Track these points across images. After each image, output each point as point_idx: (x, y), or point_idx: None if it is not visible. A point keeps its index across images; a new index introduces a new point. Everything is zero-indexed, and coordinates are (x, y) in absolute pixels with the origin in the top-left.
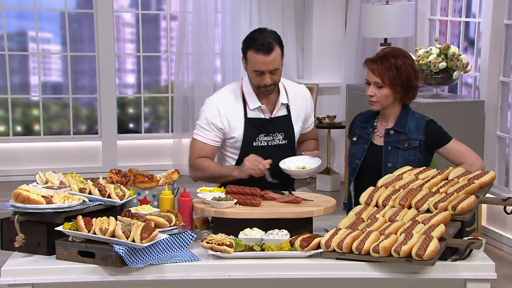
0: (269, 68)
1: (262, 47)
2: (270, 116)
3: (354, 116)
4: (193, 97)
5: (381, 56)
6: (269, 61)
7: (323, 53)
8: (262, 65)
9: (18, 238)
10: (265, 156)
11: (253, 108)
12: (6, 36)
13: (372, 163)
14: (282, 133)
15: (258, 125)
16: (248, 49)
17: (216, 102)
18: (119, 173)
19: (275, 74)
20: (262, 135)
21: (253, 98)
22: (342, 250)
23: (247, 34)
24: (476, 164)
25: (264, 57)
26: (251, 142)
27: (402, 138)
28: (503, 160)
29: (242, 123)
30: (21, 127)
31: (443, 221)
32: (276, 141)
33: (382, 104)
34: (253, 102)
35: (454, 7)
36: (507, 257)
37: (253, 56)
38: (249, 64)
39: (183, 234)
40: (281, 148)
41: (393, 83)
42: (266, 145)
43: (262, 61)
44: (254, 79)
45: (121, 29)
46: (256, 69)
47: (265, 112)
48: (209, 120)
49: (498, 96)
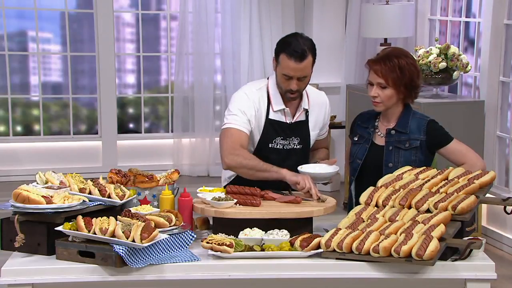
0: (297, 75)
1: (295, 53)
2: (291, 121)
3: (354, 116)
4: (193, 97)
5: (383, 57)
6: (300, 68)
7: (323, 53)
8: (292, 70)
9: (18, 238)
10: (279, 158)
11: (277, 110)
12: (6, 36)
13: (373, 163)
14: (298, 138)
15: (278, 128)
16: (281, 52)
17: (246, 94)
18: (119, 173)
19: (303, 81)
20: (279, 138)
21: (278, 99)
22: (342, 250)
23: (283, 37)
24: (477, 164)
25: (296, 63)
26: (268, 143)
27: (403, 138)
28: (503, 160)
29: (263, 122)
30: (21, 127)
31: (443, 221)
32: (292, 145)
33: (386, 105)
34: (277, 103)
35: (454, 7)
36: (507, 257)
37: (285, 60)
38: (279, 67)
39: (183, 234)
40: (295, 152)
41: (396, 83)
42: (281, 148)
43: (293, 67)
44: (282, 83)
45: (121, 29)
46: (285, 73)
47: (287, 115)
48: (240, 109)
49: (498, 96)
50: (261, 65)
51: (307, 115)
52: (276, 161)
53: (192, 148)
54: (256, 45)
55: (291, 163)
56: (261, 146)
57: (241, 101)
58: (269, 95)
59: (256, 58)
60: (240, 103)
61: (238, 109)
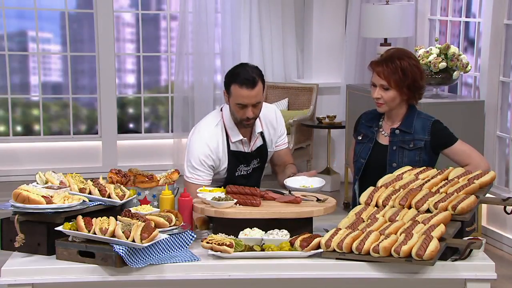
0: (252, 102)
1: (247, 81)
2: (249, 150)
3: (354, 116)
4: (193, 97)
5: (386, 58)
6: (253, 95)
7: (323, 53)
8: (246, 98)
9: (18, 238)
10: (244, 181)
11: (234, 141)
12: (6, 36)
13: (377, 163)
14: (258, 159)
15: (240, 157)
16: (231, 83)
17: (206, 141)
18: (119, 173)
19: (257, 107)
20: (243, 166)
21: (234, 131)
22: (342, 250)
23: (230, 69)
24: (481, 165)
25: (248, 91)
26: (234, 173)
27: (407, 138)
28: (503, 160)
29: (226, 155)
30: (21, 127)
31: (443, 221)
32: (252, 166)
33: (389, 106)
34: (234, 135)
35: (454, 7)
36: (507, 257)
37: (237, 90)
38: (232, 98)
39: (183, 234)
40: (256, 171)
41: (399, 85)
42: (245, 174)
43: (246, 95)
44: (237, 112)
45: (121, 29)
46: (239, 103)
47: (245, 144)
48: (201, 160)
49: (498, 96)
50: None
51: (263, 137)
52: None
53: None
54: (256, 45)
55: (253, 181)
56: (229, 175)
57: (201, 150)
58: (226, 129)
59: (256, 58)
60: (200, 153)
61: (198, 160)
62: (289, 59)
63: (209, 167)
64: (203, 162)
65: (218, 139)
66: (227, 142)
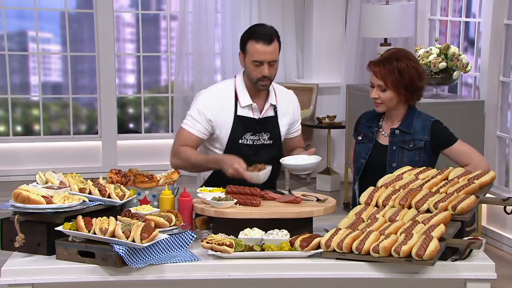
0: (268, 59)
1: (263, 37)
2: (259, 116)
3: (354, 116)
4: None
5: (384, 59)
6: (269, 51)
7: (323, 53)
8: (262, 54)
9: (18, 238)
10: (250, 154)
11: (244, 106)
12: (6, 36)
13: (377, 163)
14: (268, 133)
15: (247, 123)
16: (248, 40)
17: (208, 96)
18: (119, 173)
19: (273, 67)
20: (249, 134)
21: (245, 95)
22: (342, 250)
23: (246, 29)
24: (481, 165)
25: (265, 46)
26: (237, 140)
27: (407, 138)
28: (503, 160)
29: (231, 119)
30: (21, 127)
31: (443, 221)
32: (262, 141)
33: (387, 106)
34: (244, 99)
35: (454, 7)
36: (507, 257)
37: (253, 46)
38: (248, 55)
39: (183, 234)
40: (266, 147)
41: (396, 86)
42: (251, 143)
43: (262, 51)
44: (252, 71)
45: (121, 29)
46: (255, 59)
47: (255, 111)
48: (200, 111)
49: (498, 96)
50: None
51: (275, 111)
52: (247, 156)
53: None
54: None
55: (263, 159)
56: (231, 142)
57: (202, 101)
58: (236, 91)
59: None
60: (200, 104)
61: (197, 110)
62: (289, 59)
63: (206, 120)
64: (201, 112)
65: (224, 99)
66: (235, 106)
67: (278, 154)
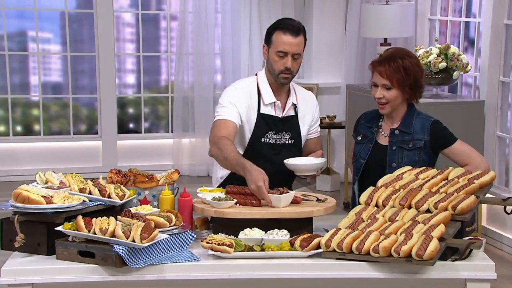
0: (293, 50)
1: (291, 28)
2: (281, 115)
3: (354, 116)
4: (193, 97)
5: (387, 58)
6: (295, 43)
7: (323, 53)
8: (288, 45)
9: (18, 238)
10: (271, 153)
11: (267, 104)
12: (6, 36)
13: (376, 163)
14: (289, 133)
15: (270, 121)
16: (275, 30)
17: (236, 91)
18: (119, 173)
19: (296, 61)
20: (272, 133)
21: (268, 92)
22: (342, 250)
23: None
24: (481, 165)
25: (292, 37)
26: (260, 138)
27: (407, 138)
28: (503, 160)
29: (255, 117)
30: (21, 127)
31: (443, 221)
32: (283, 140)
33: (392, 106)
34: (268, 96)
35: (454, 7)
36: (507, 257)
37: (280, 36)
38: (273, 46)
39: (183, 234)
40: (287, 147)
41: (401, 84)
42: (274, 142)
43: (288, 42)
44: (275, 63)
45: (121, 29)
46: (280, 49)
47: (278, 109)
48: (231, 102)
49: (498, 96)
50: (261, 65)
51: (296, 110)
52: (269, 155)
53: (192, 148)
54: (256, 45)
55: (284, 158)
56: (253, 141)
57: (232, 95)
58: (259, 88)
59: (256, 58)
60: (230, 97)
61: (228, 102)
62: None
63: (238, 107)
64: (232, 103)
65: (250, 95)
66: (258, 103)
67: (299, 155)
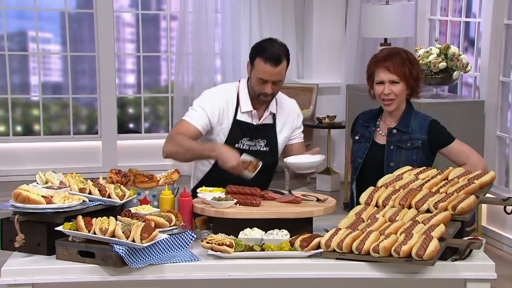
0: (273, 79)
1: (271, 58)
2: (257, 122)
3: (354, 116)
4: (193, 97)
5: (391, 53)
6: (275, 73)
7: (323, 53)
8: (268, 75)
9: (18, 238)
10: None
11: (244, 111)
12: (6, 36)
13: (374, 162)
14: (265, 140)
15: (244, 128)
16: (256, 57)
17: (211, 95)
18: (119, 173)
19: (277, 85)
20: (246, 139)
21: (247, 101)
22: (342, 250)
23: (258, 42)
24: (479, 165)
25: (271, 67)
26: (234, 144)
27: (405, 138)
28: (503, 160)
29: (230, 122)
30: (21, 127)
31: (443, 221)
32: (258, 147)
33: (398, 102)
34: (245, 105)
35: (454, 7)
36: (507, 257)
37: (260, 64)
38: (255, 71)
39: (183, 234)
40: (262, 154)
41: (407, 78)
42: (247, 149)
43: (268, 71)
44: (256, 86)
45: (121, 29)
46: (260, 77)
47: (254, 117)
48: (202, 107)
49: (498, 96)
50: None
51: (274, 119)
52: None
53: None
54: None
55: None
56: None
57: (207, 99)
58: (239, 96)
59: None
60: (205, 101)
61: (199, 106)
62: None
63: (207, 116)
64: (203, 108)
65: (228, 101)
66: (236, 110)
67: (273, 162)
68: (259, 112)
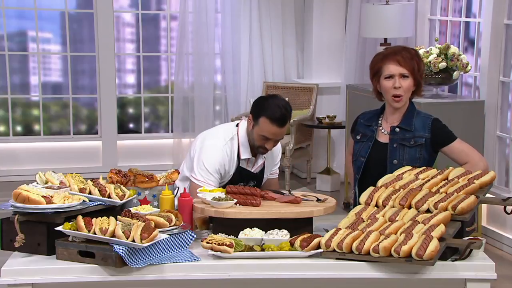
0: (277, 138)
1: (278, 121)
2: (256, 170)
3: (354, 116)
4: (193, 97)
5: (400, 49)
6: (280, 133)
7: (323, 53)
8: (273, 135)
9: (18, 238)
10: None
11: (244, 158)
12: (6, 36)
13: (377, 161)
14: (255, 181)
15: (244, 175)
16: (262, 115)
17: (222, 150)
18: (119, 173)
19: (278, 141)
20: (242, 184)
21: (246, 149)
22: (342, 250)
23: (263, 99)
24: (479, 164)
25: (277, 128)
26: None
27: (408, 136)
28: (503, 160)
29: (234, 169)
30: (21, 127)
31: (443, 221)
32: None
33: (405, 98)
34: (245, 153)
35: (454, 7)
36: (507, 257)
37: (266, 124)
38: (258, 128)
39: (183, 234)
40: None
41: (415, 72)
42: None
43: (274, 132)
44: (258, 141)
45: (121, 29)
46: (264, 135)
47: (250, 163)
48: (216, 168)
49: (498, 96)
50: (261, 65)
51: (264, 165)
52: None
53: None
54: (256, 45)
55: None
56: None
57: (215, 157)
58: (239, 144)
59: (256, 58)
60: (213, 159)
61: (213, 167)
62: (289, 59)
63: (220, 176)
64: (217, 170)
65: (231, 152)
66: (238, 157)
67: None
68: (255, 159)
